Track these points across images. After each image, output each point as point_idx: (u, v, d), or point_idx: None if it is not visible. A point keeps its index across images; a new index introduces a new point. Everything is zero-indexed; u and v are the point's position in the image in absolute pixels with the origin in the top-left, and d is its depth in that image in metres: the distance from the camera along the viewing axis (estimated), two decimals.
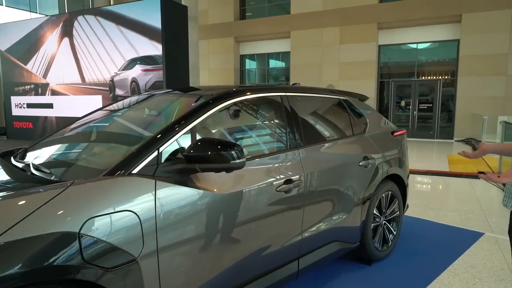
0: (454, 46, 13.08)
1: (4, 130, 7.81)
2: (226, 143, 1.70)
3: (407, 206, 3.53)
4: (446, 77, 13.57)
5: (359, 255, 3.00)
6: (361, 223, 2.78)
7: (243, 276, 1.98)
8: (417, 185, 6.20)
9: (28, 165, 1.87)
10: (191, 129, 1.86)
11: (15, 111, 7.54)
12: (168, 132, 1.77)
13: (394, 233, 3.19)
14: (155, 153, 1.67)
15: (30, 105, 7.36)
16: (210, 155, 1.64)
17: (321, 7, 15.06)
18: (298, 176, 2.20)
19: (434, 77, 13.77)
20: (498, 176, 1.82)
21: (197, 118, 1.88)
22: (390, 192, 3.09)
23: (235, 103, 2.15)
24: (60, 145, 2.23)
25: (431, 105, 13.60)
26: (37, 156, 2.09)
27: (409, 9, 13.28)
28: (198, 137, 1.92)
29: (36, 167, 1.82)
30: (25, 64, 7.33)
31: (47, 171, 1.75)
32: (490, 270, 2.91)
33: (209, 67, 18.04)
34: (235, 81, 17.58)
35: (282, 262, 2.19)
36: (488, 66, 12.20)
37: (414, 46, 14.00)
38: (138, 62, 5.85)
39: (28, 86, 7.36)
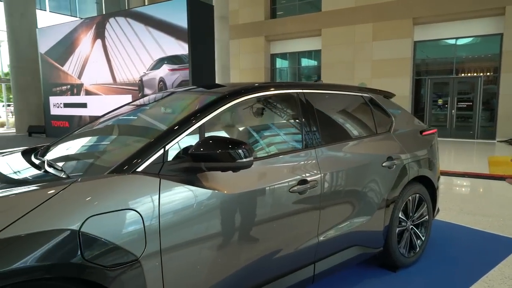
0: (497, 40, 12.31)
1: (43, 128, 8.21)
2: (232, 141, 1.64)
3: (438, 210, 3.32)
4: (487, 73, 12.80)
5: (383, 260, 2.85)
6: (384, 227, 2.62)
7: (253, 280, 1.91)
8: (453, 188, 5.86)
9: (43, 162, 1.91)
10: (199, 127, 1.82)
11: (53, 111, 7.91)
12: (175, 130, 1.73)
13: (423, 238, 3.00)
14: (161, 151, 1.64)
15: (66, 105, 7.69)
16: (216, 154, 1.59)
17: (353, 3, 14.68)
18: (314, 177, 2.11)
19: (475, 74, 13.03)
20: None
21: (205, 117, 1.83)
22: (417, 195, 2.91)
23: (247, 101, 2.09)
24: (77, 143, 2.26)
25: (471, 103, 12.87)
26: (54, 154, 2.13)
27: (447, 3, 12.64)
28: (206, 135, 1.88)
29: (50, 164, 1.85)
30: (62, 66, 7.67)
31: (59, 168, 1.77)
32: None
33: (240, 67, 18.11)
34: (265, 80, 17.53)
35: (296, 266, 2.10)
36: None
37: (452, 41, 13.31)
38: (166, 62, 5.93)
39: (65, 87, 7.70)
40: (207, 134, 1.89)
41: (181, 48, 5.66)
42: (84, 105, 7.10)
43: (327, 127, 2.50)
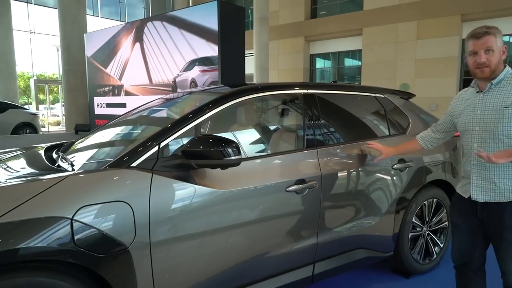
0: None
1: (88, 127, 8.81)
2: (222, 140, 1.70)
3: None
4: None
5: (395, 266, 2.77)
6: (394, 231, 2.55)
7: (244, 277, 1.95)
8: None
9: (58, 157, 2.09)
10: (195, 126, 1.89)
11: (97, 110, 8.47)
12: (170, 128, 1.82)
13: (441, 245, 2.87)
14: (156, 148, 1.74)
15: (108, 105, 8.21)
16: (205, 151, 1.65)
17: (397, 1, 14.16)
18: (313, 177, 2.11)
19: None
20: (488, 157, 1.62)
21: (201, 116, 1.91)
22: (435, 199, 2.79)
23: (247, 101, 2.14)
24: (94, 140, 2.43)
25: None
26: (73, 150, 2.31)
27: None
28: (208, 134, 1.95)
29: (64, 159, 2.03)
30: (105, 68, 8.19)
31: (70, 162, 1.94)
32: None
33: (279, 67, 18.14)
34: (304, 80, 17.42)
35: (293, 266, 2.11)
36: None
37: (505, 38, 12.41)
38: (197, 63, 6.13)
39: (107, 88, 8.21)
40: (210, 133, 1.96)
41: (212, 50, 5.82)
42: (123, 105, 7.53)
43: (333, 127, 2.49)
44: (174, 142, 1.83)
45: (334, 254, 2.29)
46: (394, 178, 2.52)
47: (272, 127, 2.43)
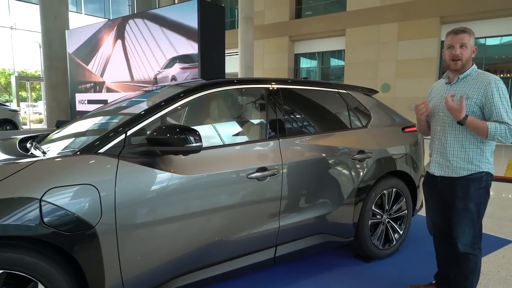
0: None
1: None
2: (184, 128, 1.83)
3: (421, 206, 3.35)
4: None
5: (356, 251, 2.95)
6: (354, 218, 2.72)
7: (211, 258, 2.08)
8: None
9: (32, 146, 2.19)
10: (162, 116, 2.02)
11: (79, 107, 8.46)
12: (137, 118, 1.94)
13: (400, 232, 3.06)
14: (123, 136, 1.86)
15: (90, 101, 8.21)
16: (167, 139, 1.78)
17: (379, 3, 14.49)
18: (274, 165, 2.25)
19: (506, 75, 12.50)
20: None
21: (167, 107, 2.04)
22: (394, 189, 2.97)
23: (214, 93, 2.27)
24: (67, 131, 2.52)
25: None
26: (47, 141, 2.41)
27: (478, 1, 12.21)
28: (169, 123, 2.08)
29: (37, 148, 2.13)
30: (87, 65, 8.18)
31: (42, 150, 2.04)
32: (501, 279, 2.67)
33: (264, 67, 18.30)
34: None
35: (255, 248, 2.26)
36: None
37: (482, 41, 12.84)
38: (177, 61, 6.22)
39: (89, 84, 8.21)
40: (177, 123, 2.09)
41: (192, 48, 5.92)
42: (105, 102, 7.54)
43: (295, 120, 2.64)
44: (142, 131, 1.95)
45: (295, 238, 2.44)
46: (354, 168, 2.69)
47: (237, 119, 2.56)
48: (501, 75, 12.57)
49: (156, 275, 1.90)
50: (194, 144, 1.81)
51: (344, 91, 2.96)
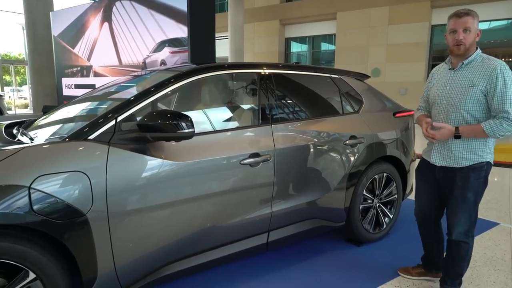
0: None
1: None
2: (176, 114, 1.79)
3: (411, 191, 3.40)
4: (509, 59, 12.35)
5: (347, 235, 2.99)
6: (346, 203, 2.74)
7: (205, 244, 2.08)
8: None
9: (18, 132, 2.13)
10: (152, 101, 1.98)
11: (66, 92, 8.28)
12: (127, 104, 1.90)
13: (391, 216, 3.10)
14: (113, 122, 1.82)
15: (77, 86, 8.04)
16: (159, 124, 1.75)
17: None
18: (267, 151, 2.24)
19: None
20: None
21: (158, 92, 1.99)
22: (385, 174, 3.00)
23: (205, 78, 2.23)
24: (55, 117, 2.46)
25: None
26: (34, 127, 2.35)
27: None
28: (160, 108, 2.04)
29: (24, 134, 2.07)
30: (73, 48, 7.98)
31: (30, 137, 1.99)
32: (488, 260, 2.75)
33: (254, 51, 18.09)
34: None
35: (248, 234, 2.27)
36: None
37: None
38: (167, 45, 6.10)
39: (76, 68, 8.03)
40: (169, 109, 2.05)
41: (181, 31, 5.80)
42: (93, 86, 7.39)
43: (287, 105, 2.62)
44: (132, 117, 1.91)
45: (287, 223, 2.46)
46: (346, 153, 2.70)
47: (229, 105, 2.54)
48: None
49: (149, 262, 1.89)
50: (186, 130, 1.78)
51: (336, 76, 2.94)
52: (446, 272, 2.21)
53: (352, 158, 2.72)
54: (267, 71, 2.50)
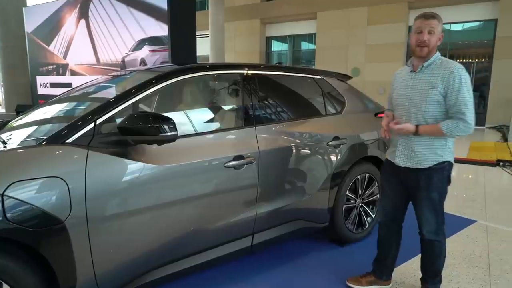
0: (491, 26, 12.22)
1: (30, 107, 8.30)
2: (158, 116, 1.75)
3: None
4: (480, 60, 12.76)
5: (331, 236, 3.00)
6: (329, 204, 2.75)
7: (188, 248, 2.04)
8: None
9: None
10: (133, 103, 1.92)
11: (40, 90, 8.00)
12: (107, 106, 1.84)
13: (373, 216, 3.14)
14: (92, 125, 1.75)
15: (52, 85, 7.78)
16: (141, 127, 1.70)
17: None
18: (250, 153, 2.22)
19: (469, 60, 12.98)
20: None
21: (139, 94, 1.93)
22: (367, 174, 3.03)
23: (187, 80, 2.18)
24: (28, 119, 2.36)
25: None
26: (6, 129, 2.24)
27: None
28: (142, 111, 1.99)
29: None
30: (48, 45, 7.71)
31: (2, 140, 1.89)
32: (467, 257, 2.82)
33: (235, 49, 18.02)
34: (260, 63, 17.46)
35: (232, 237, 2.23)
36: None
37: (447, 27, 13.20)
38: (147, 43, 5.98)
39: (51, 67, 7.77)
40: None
41: (161, 30, 5.70)
42: (69, 85, 7.17)
43: (270, 107, 2.61)
44: (112, 119, 1.84)
45: (271, 225, 2.44)
46: (329, 154, 2.70)
47: (212, 106, 2.50)
48: (464, 60, 13.05)
49: (130, 268, 1.84)
50: (169, 133, 1.74)
51: (319, 77, 2.94)
52: (425, 272, 2.26)
53: (335, 159, 2.73)
54: (251, 72, 2.47)
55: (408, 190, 2.16)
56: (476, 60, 12.81)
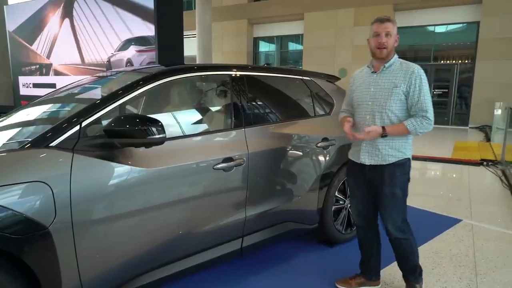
0: (474, 28, 12.47)
1: (12, 109, 8.11)
2: (145, 118, 1.71)
3: None
4: (464, 61, 13.01)
5: (320, 237, 3.00)
6: (319, 205, 2.75)
7: (177, 252, 2.01)
8: (412, 171, 6.06)
9: None
10: (120, 105, 1.88)
11: (23, 91, 7.81)
12: (92, 107, 1.79)
13: None
14: (77, 128, 1.70)
15: (35, 85, 7.60)
16: (128, 130, 1.66)
17: None
18: (240, 155, 2.20)
19: (452, 61, 13.22)
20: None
21: (125, 96, 1.89)
22: None
23: (175, 81, 2.15)
24: (10, 121, 2.29)
25: (446, 90, 13.12)
26: None
27: None
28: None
29: None
30: (31, 45, 7.53)
31: None
32: (453, 256, 2.85)
33: (222, 50, 17.96)
34: (247, 63, 17.44)
35: (221, 240, 2.21)
36: (509, 50, 11.58)
37: (431, 28, 13.43)
38: (133, 43, 5.89)
39: (34, 67, 7.59)
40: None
41: (148, 30, 5.62)
42: (53, 86, 7.01)
43: (259, 108, 2.59)
44: (98, 121, 1.80)
45: (261, 228, 2.43)
46: (319, 155, 2.71)
47: (201, 108, 2.47)
48: (448, 61, 13.29)
49: (117, 273, 1.80)
50: (157, 136, 1.70)
51: (308, 78, 2.94)
52: (403, 269, 2.29)
53: (324, 160, 2.74)
54: (239, 73, 2.45)
55: (373, 187, 2.20)
56: (460, 61, 13.05)
